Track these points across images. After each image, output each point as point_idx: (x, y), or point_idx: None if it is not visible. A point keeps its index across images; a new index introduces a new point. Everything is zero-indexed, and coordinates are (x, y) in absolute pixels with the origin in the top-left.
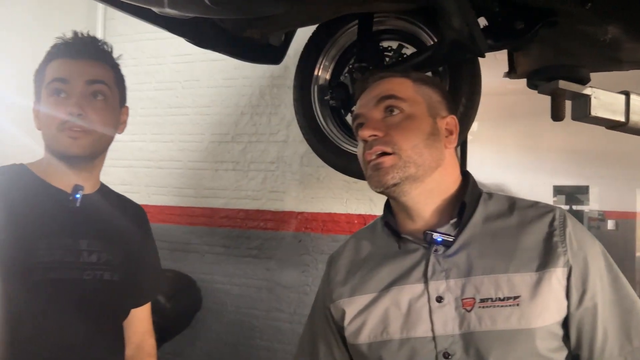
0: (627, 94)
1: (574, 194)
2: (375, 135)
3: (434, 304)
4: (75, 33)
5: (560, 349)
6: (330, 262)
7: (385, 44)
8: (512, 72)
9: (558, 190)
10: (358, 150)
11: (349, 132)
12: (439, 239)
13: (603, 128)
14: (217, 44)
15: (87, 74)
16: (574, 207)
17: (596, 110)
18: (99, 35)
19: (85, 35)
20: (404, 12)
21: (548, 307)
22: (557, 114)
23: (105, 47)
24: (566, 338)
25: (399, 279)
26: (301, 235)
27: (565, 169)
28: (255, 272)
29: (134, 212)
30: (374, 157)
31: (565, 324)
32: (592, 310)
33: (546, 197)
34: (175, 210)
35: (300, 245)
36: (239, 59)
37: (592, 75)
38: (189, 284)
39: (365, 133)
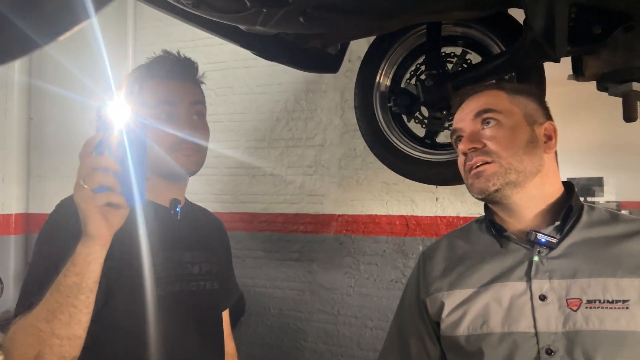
0: None
1: (588, 186)
2: (474, 148)
3: (537, 302)
4: (168, 53)
5: None
6: (424, 259)
7: (448, 50)
8: (579, 75)
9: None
10: (459, 161)
11: (413, 138)
12: (543, 240)
13: (619, 120)
14: (280, 55)
15: (191, 95)
16: (589, 199)
17: None
18: (130, 44)
19: (180, 55)
20: (472, 19)
21: None
22: (629, 115)
23: (197, 67)
24: None
25: (501, 276)
26: (342, 238)
27: (579, 161)
28: (297, 275)
29: (215, 221)
30: (475, 166)
31: None
32: None
33: None
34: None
35: (342, 247)
36: (300, 69)
37: None
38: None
39: (464, 146)
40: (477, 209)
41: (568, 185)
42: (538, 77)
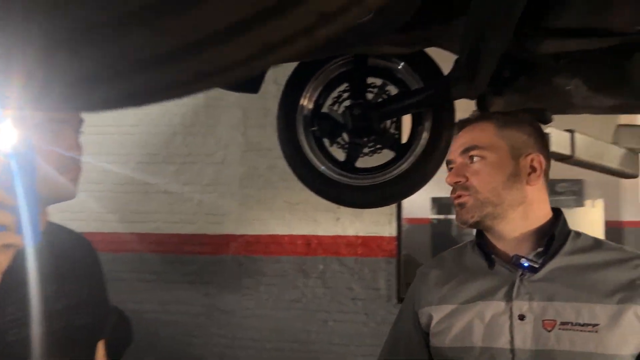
0: (572, 132)
1: (449, 205)
2: (458, 181)
3: (516, 321)
4: None
5: None
6: (421, 274)
7: (368, 80)
8: (483, 110)
9: (435, 201)
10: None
11: (334, 162)
12: (526, 264)
13: None
14: None
15: None
16: (448, 217)
17: (552, 147)
18: None
19: None
20: (396, 55)
21: (625, 338)
22: None
23: None
24: None
25: (486, 295)
26: (242, 259)
27: (442, 181)
28: (192, 298)
29: (82, 243)
30: (456, 197)
31: None
32: None
33: (424, 208)
34: (96, 236)
35: (241, 268)
36: (219, 87)
37: None
38: (116, 316)
39: (449, 180)
40: (375, 229)
41: (557, 211)
42: (450, 115)
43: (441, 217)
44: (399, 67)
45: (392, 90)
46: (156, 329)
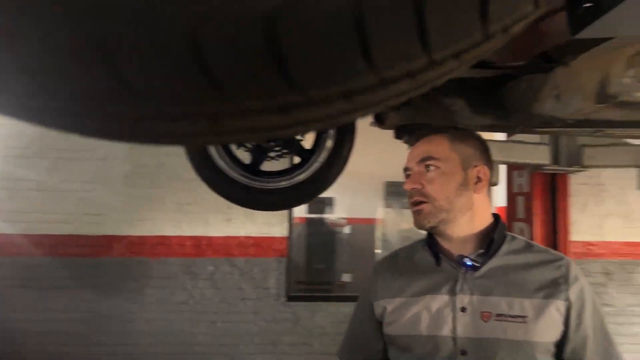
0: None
1: (320, 204)
2: (415, 188)
3: (458, 312)
4: None
5: None
6: (376, 270)
7: None
8: (381, 124)
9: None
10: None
11: (239, 165)
12: (469, 263)
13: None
14: None
15: None
16: (320, 215)
17: None
18: None
19: None
20: None
21: (547, 328)
22: None
23: None
24: (557, 356)
25: (432, 289)
26: (126, 261)
27: None
28: (67, 304)
29: None
30: (414, 203)
31: (559, 344)
32: (584, 339)
33: (300, 207)
34: None
35: (125, 271)
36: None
37: None
38: None
39: (407, 186)
40: (267, 229)
41: (496, 216)
42: (352, 133)
43: (315, 216)
44: None
45: None
46: (24, 340)
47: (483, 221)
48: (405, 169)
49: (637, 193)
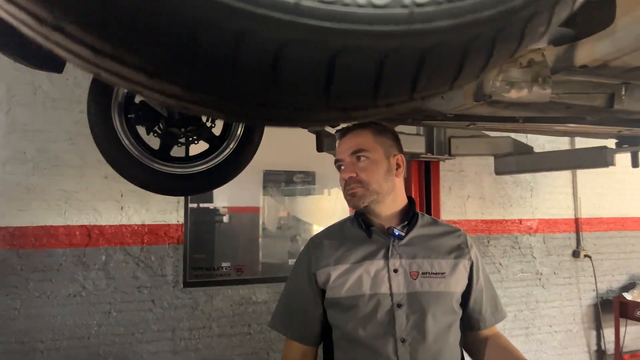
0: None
1: (202, 195)
2: (351, 177)
3: (392, 273)
4: None
5: (459, 308)
6: (314, 244)
7: None
8: None
9: None
10: (340, 182)
11: (148, 150)
12: (397, 233)
13: None
14: (5, 45)
15: None
16: (201, 205)
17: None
18: None
19: None
20: None
21: (459, 281)
22: (320, 148)
23: None
24: (463, 303)
25: (369, 256)
26: (5, 254)
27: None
28: None
29: None
30: (350, 189)
31: (464, 295)
32: (481, 290)
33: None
34: None
35: (4, 264)
36: (23, 63)
37: None
38: None
39: (345, 175)
40: (162, 217)
41: (410, 198)
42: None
43: (193, 205)
44: None
45: None
46: None
47: (402, 200)
48: (337, 161)
49: (490, 178)
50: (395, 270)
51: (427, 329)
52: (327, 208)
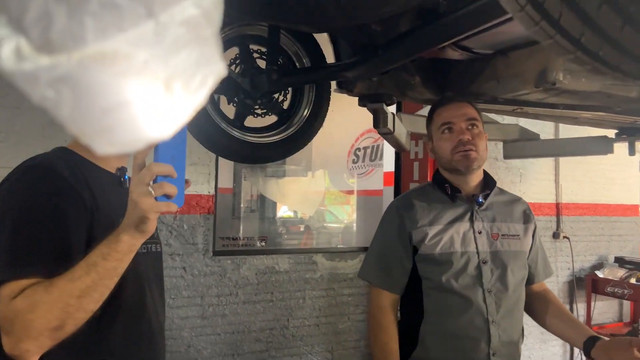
0: (394, 114)
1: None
2: (469, 139)
3: (477, 234)
4: None
5: (527, 265)
6: (404, 206)
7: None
8: (350, 91)
9: None
10: (446, 144)
11: (225, 120)
12: (480, 200)
13: None
14: None
15: None
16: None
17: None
18: None
19: None
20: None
21: (528, 242)
22: (377, 124)
23: None
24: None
25: (457, 219)
26: None
27: None
28: None
29: None
30: (465, 150)
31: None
32: (537, 249)
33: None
34: None
35: None
36: None
37: None
38: None
39: (464, 136)
40: (194, 187)
41: (484, 170)
42: (329, 89)
43: None
44: (289, 42)
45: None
46: None
47: (482, 171)
48: (448, 123)
49: (487, 163)
50: (480, 232)
51: (508, 281)
52: (314, 188)
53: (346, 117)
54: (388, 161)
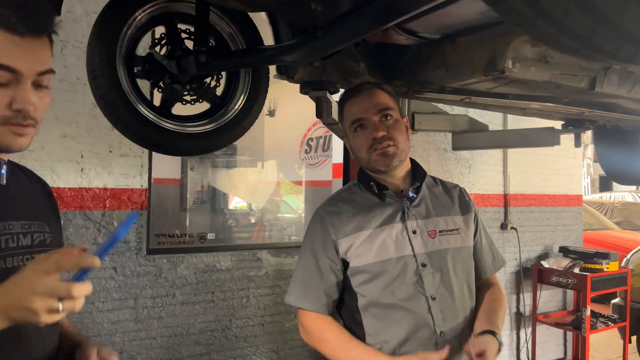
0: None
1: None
2: (384, 134)
3: (412, 235)
4: None
5: (472, 260)
6: (328, 213)
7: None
8: (290, 78)
9: None
10: (361, 142)
11: (151, 105)
12: (411, 195)
13: None
14: None
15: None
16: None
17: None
18: None
19: None
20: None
21: (470, 234)
22: (320, 114)
23: None
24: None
25: (388, 220)
26: None
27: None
28: None
29: (41, 182)
30: (383, 147)
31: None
32: (481, 238)
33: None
34: None
35: None
36: None
37: None
38: None
39: (378, 133)
40: (124, 181)
41: (412, 159)
42: (267, 74)
43: None
44: (220, 21)
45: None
46: None
47: (409, 161)
48: (359, 120)
49: (436, 154)
50: (414, 232)
51: (452, 284)
52: (263, 178)
53: (298, 105)
54: (337, 152)
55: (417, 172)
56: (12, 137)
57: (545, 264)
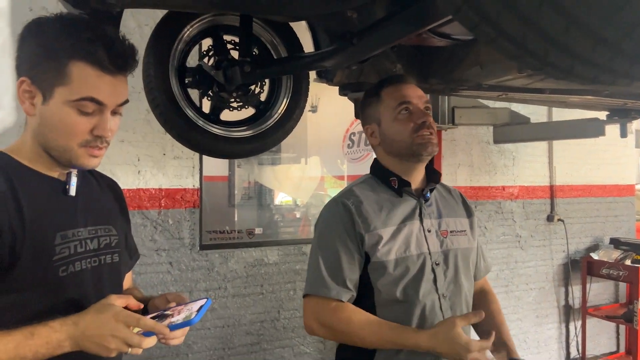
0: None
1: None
2: (431, 122)
3: (427, 233)
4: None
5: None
6: (353, 204)
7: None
8: (329, 80)
9: None
10: (406, 126)
11: (200, 114)
12: (428, 195)
13: None
14: None
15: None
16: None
17: None
18: None
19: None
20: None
21: (474, 235)
22: (359, 114)
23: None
24: None
25: (408, 217)
26: None
27: None
28: None
29: (111, 185)
30: (428, 133)
31: None
32: (479, 244)
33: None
34: None
35: None
36: None
37: None
38: None
39: (429, 119)
40: (178, 181)
41: None
42: (308, 80)
43: None
44: (264, 32)
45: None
46: None
47: None
48: (407, 102)
49: (479, 147)
50: (429, 231)
51: (461, 283)
52: (307, 174)
53: (340, 101)
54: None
55: (431, 174)
56: (88, 158)
57: (595, 256)
